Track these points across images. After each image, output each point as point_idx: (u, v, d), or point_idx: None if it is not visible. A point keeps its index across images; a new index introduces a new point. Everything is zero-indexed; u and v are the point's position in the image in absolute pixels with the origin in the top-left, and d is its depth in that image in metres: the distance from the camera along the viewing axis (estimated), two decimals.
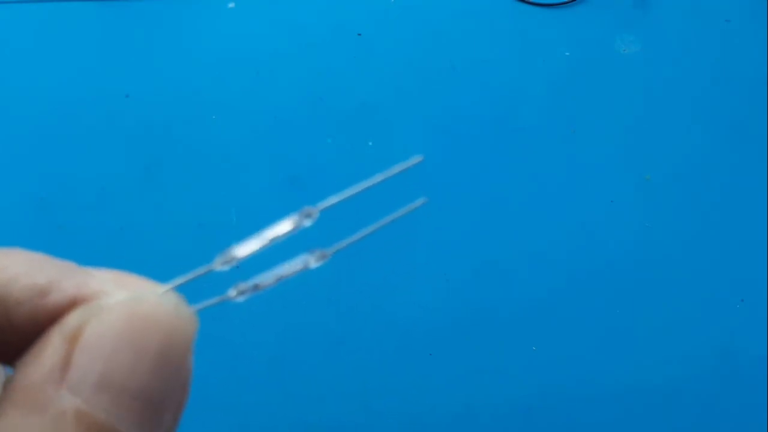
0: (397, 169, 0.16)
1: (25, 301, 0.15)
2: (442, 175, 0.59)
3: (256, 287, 0.16)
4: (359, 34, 0.63)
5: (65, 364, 0.14)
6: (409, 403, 0.55)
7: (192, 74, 0.61)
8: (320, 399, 0.54)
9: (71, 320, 0.15)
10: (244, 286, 0.16)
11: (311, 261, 0.16)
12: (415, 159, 0.16)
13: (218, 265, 0.16)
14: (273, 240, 0.15)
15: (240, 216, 0.57)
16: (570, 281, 0.58)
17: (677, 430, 0.56)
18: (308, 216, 0.15)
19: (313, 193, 0.58)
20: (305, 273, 0.16)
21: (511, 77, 0.63)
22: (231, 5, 0.63)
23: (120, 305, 0.15)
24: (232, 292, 0.16)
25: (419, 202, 0.16)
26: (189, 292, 0.17)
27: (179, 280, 0.16)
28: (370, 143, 0.60)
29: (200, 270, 0.16)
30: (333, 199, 0.16)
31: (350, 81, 0.62)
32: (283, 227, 0.15)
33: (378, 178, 0.16)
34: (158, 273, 0.17)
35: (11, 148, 0.59)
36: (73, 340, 0.15)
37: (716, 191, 0.60)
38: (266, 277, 0.16)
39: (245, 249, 0.15)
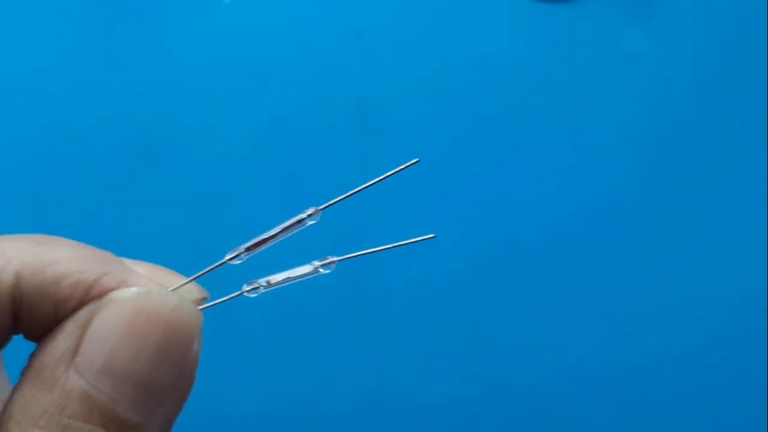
0: (395, 171, 0.18)
1: (72, 297, 0.16)
2: (442, 174, 0.59)
3: (268, 284, 0.17)
4: (359, 31, 0.63)
5: (75, 348, 0.16)
6: (411, 401, 0.55)
7: (187, 71, 0.61)
8: (323, 394, 0.55)
9: (85, 310, 0.16)
10: (256, 282, 0.17)
11: (320, 268, 0.17)
12: (412, 161, 0.18)
13: (229, 258, 0.16)
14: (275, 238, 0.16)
15: (237, 214, 0.57)
16: (570, 281, 0.58)
17: (677, 430, 0.56)
18: (311, 215, 0.16)
19: (311, 191, 0.58)
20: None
21: (513, 74, 0.62)
22: (227, 0, 0.62)
23: (127, 299, 0.16)
24: (245, 288, 0.17)
25: (424, 238, 0.17)
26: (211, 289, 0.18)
27: (195, 276, 0.17)
28: (370, 142, 0.60)
29: (215, 265, 0.17)
30: (334, 200, 0.17)
31: (350, 79, 0.62)
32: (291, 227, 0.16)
33: (376, 179, 0.17)
34: None
35: (8, 146, 0.58)
36: (84, 327, 0.16)
37: (718, 191, 0.60)
38: (277, 277, 0.17)
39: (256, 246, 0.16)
